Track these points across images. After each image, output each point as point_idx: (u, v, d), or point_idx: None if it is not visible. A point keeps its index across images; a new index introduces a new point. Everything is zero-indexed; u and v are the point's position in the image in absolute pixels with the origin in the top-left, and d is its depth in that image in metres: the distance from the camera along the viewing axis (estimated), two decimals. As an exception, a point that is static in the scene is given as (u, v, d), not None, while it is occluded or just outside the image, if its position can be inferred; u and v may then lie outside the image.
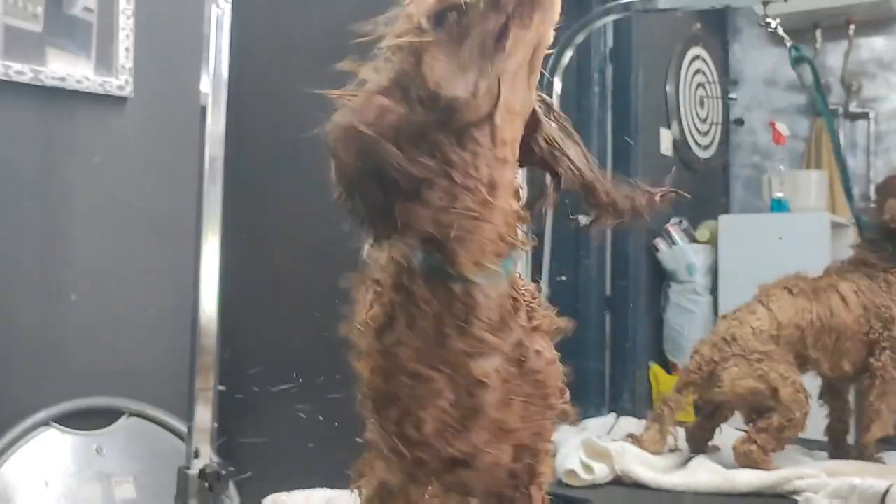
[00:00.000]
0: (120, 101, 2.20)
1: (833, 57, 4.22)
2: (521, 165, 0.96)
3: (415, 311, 0.94)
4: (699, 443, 2.20)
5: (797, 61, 2.20)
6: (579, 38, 2.15)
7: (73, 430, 2.06)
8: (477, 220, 0.87)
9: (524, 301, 0.99)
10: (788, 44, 2.13)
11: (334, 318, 1.08)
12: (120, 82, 2.18)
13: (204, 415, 1.72)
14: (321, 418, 2.24)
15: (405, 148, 0.82)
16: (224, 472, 1.65)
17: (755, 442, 2.00)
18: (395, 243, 0.91)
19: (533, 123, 0.96)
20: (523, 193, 0.97)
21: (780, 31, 2.11)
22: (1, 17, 2.02)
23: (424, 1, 0.87)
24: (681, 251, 3.87)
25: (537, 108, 0.96)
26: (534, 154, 0.98)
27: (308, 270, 2.32)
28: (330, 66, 0.99)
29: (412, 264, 0.93)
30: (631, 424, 2.56)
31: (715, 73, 4.37)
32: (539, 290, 1.04)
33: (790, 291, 2.11)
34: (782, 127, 3.95)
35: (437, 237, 0.87)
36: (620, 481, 2.03)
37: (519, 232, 0.95)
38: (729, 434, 2.23)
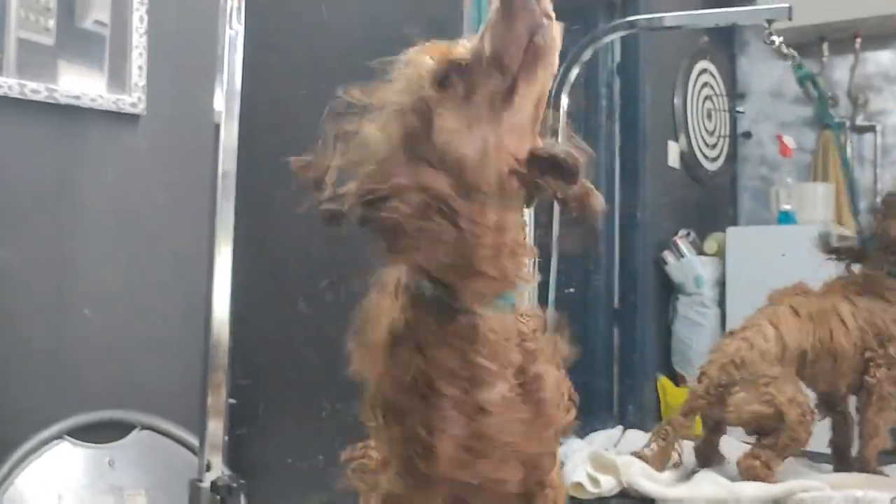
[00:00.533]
0: (133, 118, 2.23)
1: (840, 70, 4.24)
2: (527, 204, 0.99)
3: (424, 335, 0.97)
4: (706, 456, 2.21)
5: (805, 78, 2.22)
6: (586, 55, 2.17)
7: (85, 444, 2.08)
8: (483, 260, 0.91)
9: (528, 329, 1.02)
10: (791, 62, 2.15)
11: (344, 331, 1.11)
12: (133, 100, 2.21)
13: (215, 428, 1.74)
14: (331, 430, 2.26)
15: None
16: (235, 485, 1.67)
17: (758, 458, 2.00)
18: (407, 272, 0.96)
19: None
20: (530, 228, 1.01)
21: (784, 48, 2.13)
22: (14, 30, 2.05)
23: (424, 62, 0.91)
24: (688, 263, 3.88)
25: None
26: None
27: (318, 284, 2.34)
28: (339, 85, 1.02)
29: (422, 293, 0.97)
30: (638, 437, 2.57)
31: (722, 86, 4.39)
32: (544, 318, 1.08)
33: (796, 312, 2.12)
34: (789, 140, 3.97)
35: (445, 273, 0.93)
36: (627, 494, 2.05)
37: (526, 267, 0.98)
38: (735, 446, 2.24)
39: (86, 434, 2.09)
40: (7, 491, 1.94)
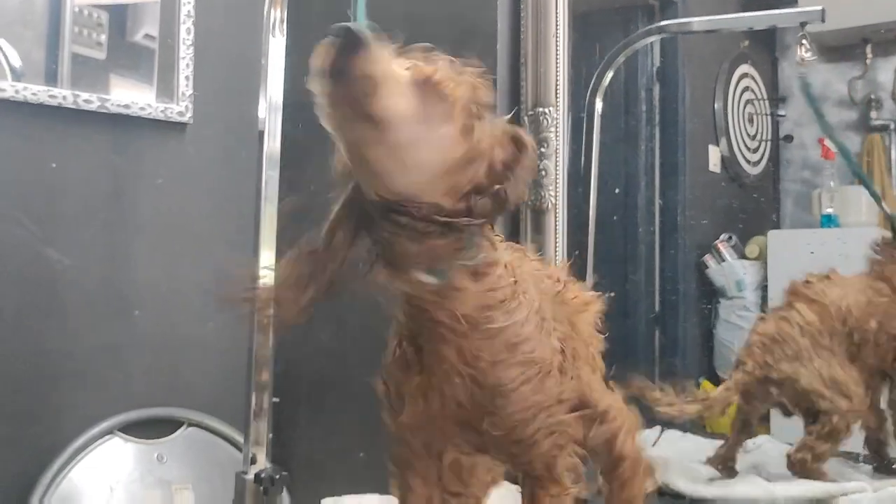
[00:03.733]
0: (181, 126, 2.30)
1: (884, 73, 4.20)
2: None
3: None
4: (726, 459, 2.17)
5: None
6: (619, 60, 2.19)
7: (136, 439, 2.16)
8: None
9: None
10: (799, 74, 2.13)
11: (384, 328, 1.16)
12: (180, 108, 2.29)
13: (260, 424, 1.79)
14: (372, 426, 2.30)
15: None
16: (278, 477, 1.72)
17: (811, 449, 1.97)
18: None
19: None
20: None
21: (802, 56, 2.09)
22: (68, 45, 2.14)
23: None
24: (730, 267, 3.87)
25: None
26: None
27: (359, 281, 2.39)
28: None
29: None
30: (675, 436, 2.58)
31: (764, 90, 4.37)
32: None
33: (834, 289, 2.08)
34: (831, 143, 3.94)
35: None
36: (661, 492, 2.06)
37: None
38: (778, 449, 2.22)
39: (136, 430, 2.17)
40: (62, 483, 2.02)
